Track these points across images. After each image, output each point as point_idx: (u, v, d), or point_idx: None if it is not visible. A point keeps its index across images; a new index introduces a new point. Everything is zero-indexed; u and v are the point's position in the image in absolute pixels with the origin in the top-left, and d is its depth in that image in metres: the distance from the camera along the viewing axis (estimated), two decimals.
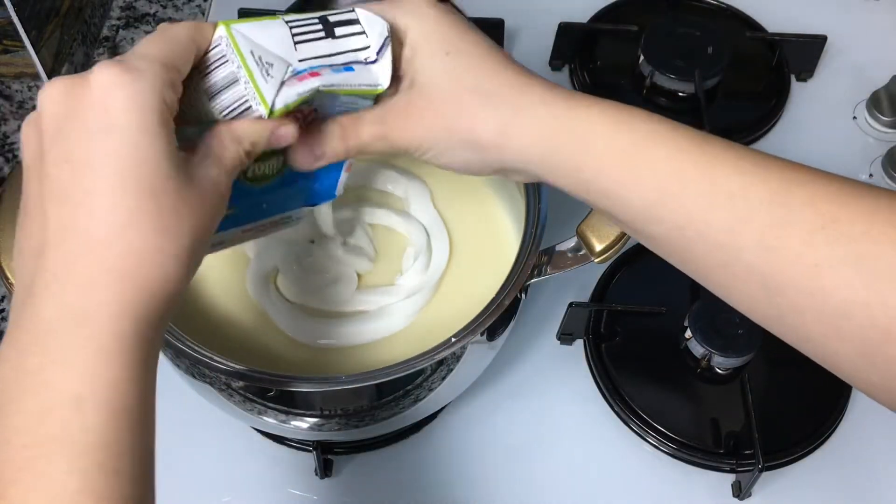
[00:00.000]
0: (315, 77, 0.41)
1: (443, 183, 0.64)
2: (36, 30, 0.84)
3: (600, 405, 0.68)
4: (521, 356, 0.70)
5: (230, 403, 0.55)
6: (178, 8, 1.00)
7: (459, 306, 0.56)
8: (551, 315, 0.71)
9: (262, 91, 0.39)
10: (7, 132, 0.89)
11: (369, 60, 0.43)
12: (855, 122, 0.84)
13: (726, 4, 0.91)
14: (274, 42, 0.41)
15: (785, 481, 0.64)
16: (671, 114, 0.81)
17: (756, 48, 0.88)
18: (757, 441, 0.62)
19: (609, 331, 0.70)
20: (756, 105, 0.85)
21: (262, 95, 0.39)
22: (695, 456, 0.65)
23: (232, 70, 0.40)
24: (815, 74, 0.87)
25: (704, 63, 0.81)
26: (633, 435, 0.66)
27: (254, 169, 0.45)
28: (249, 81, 0.39)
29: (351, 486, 0.64)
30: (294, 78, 0.40)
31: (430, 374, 0.54)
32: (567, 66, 0.88)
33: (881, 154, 0.81)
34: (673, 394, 0.68)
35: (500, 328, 0.57)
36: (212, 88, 0.40)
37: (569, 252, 0.56)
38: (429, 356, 0.51)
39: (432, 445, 0.66)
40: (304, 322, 0.58)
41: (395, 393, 0.54)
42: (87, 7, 0.94)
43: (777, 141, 0.84)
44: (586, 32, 0.88)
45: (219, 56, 0.40)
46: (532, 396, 0.68)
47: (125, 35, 0.97)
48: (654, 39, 0.83)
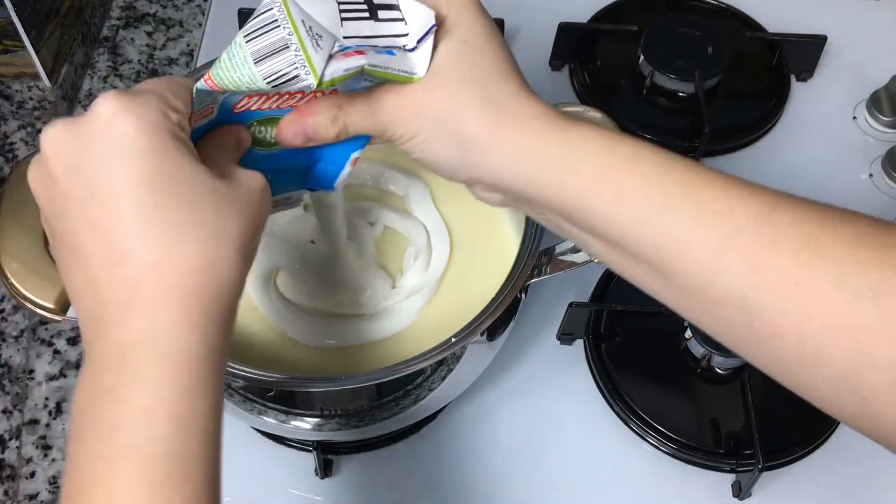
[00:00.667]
0: (360, 56, 0.40)
1: (443, 182, 0.64)
2: (36, 30, 0.84)
3: (600, 405, 0.68)
4: (521, 356, 0.70)
5: (230, 403, 0.55)
6: (179, 8, 0.99)
7: (459, 306, 0.56)
8: (551, 315, 0.71)
9: (313, 61, 0.39)
10: (7, 132, 0.89)
11: (408, 48, 0.42)
12: (855, 122, 0.84)
13: (726, 4, 0.91)
14: (323, 15, 0.40)
15: (785, 481, 0.64)
16: (671, 114, 0.83)
17: (756, 48, 0.88)
18: (757, 441, 0.62)
19: (609, 331, 0.70)
20: (756, 105, 0.85)
21: (312, 65, 0.39)
22: (695, 456, 0.65)
23: (283, 36, 0.39)
24: (815, 74, 0.87)
25: (704, 63, 0.81)
26: (633, 435, 0.66)
27: (255, 130, 0.44)
28: (301, 50, 0.39)
29: (351, 486, 0.64)
30: (340, 53, 0.40)
31: (430, 374, 0.54)
32: (567, 66, 0.88)
33: (881, 154, 0.81)
34: (673, 394, 0.68)
35: (500, 328, 0.57)
36: (258, 52, 0.39)
37: (569, 252, 0.56)
38: (429, 356, 0.51)
39: (432, 445, 0.66)
40: (304, 322, 0.58)
41: (395, 393, 0.54)
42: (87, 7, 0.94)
43: (777, 141, 0.84)
44: (586, 32, 0.88)
45: (269, 21, 0.39)
46: (532, 396, 0.68)
47: (125, 35, 0.97)
48: (654, 39, 0.83)
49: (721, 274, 0.37)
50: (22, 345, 0.76)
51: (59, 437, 0.71)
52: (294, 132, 0.43)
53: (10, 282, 0.51)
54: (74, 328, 0.77)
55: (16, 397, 0.73)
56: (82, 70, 0.93)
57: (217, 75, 0.40)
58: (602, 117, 0.58)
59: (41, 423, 0.72)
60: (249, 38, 0.39)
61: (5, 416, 0.72)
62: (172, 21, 0.99)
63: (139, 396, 0.34)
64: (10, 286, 0.51)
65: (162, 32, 0.97)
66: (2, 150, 0.88)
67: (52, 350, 0.75)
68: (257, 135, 0.45)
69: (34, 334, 0.76)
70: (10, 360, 0.75)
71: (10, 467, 0.70)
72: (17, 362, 0.75)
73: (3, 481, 0.69)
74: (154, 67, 0.94)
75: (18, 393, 0.73)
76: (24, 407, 0.73)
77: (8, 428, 0.72)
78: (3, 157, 0.87)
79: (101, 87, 0.93)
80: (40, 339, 0.76)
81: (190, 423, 0.34)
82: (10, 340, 0.76)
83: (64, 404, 0.73)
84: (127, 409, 0.34)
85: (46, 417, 0.72)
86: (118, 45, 0.96)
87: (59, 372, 0.74)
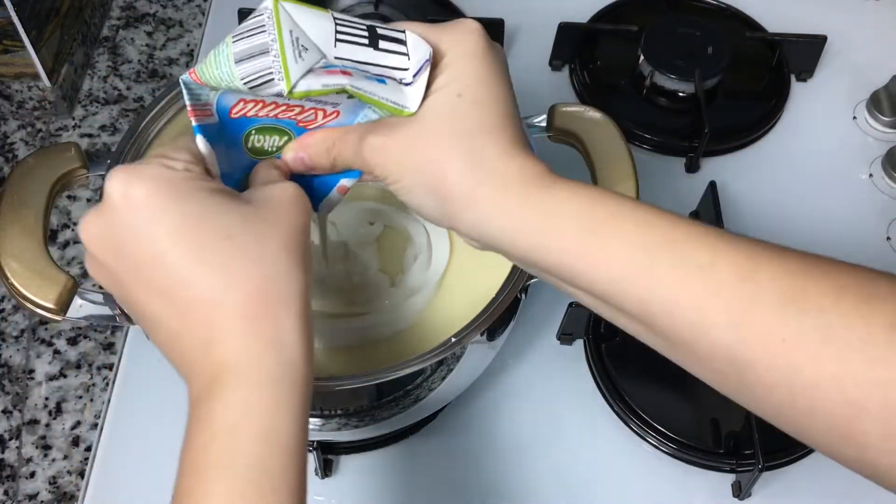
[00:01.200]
0: (345, 76, 0.42)
1: None
2: (36, 30, 0.84)
3: (600, 405, 0.68)
4: (521, 356, 0.70)
5: None
6: (178, 8, 1.00)
7: (459, 306, 0.56)
8: (551, 315, 0.71)
9: (289, 69, 0.40)
10: (7, 132, 0.89)
11: (404, 82, 0.43)
12: (855, 122, 0.84)
13: (726, 4, 0.91)
14: (316, 31, 0.42)
15: (785, 481, 0.64)
16: (671, 114, 0.83)
17: (756, 48, 0.88)
18: (757, 441, 0.62)
19: (609, 331, 0.70)
20: (756, 105, 0.85)
21: (287, 72, 0.40)
22: (695, 456, 0.65)
23: (265, 41, 0.41)
24: (815, 74, 0.87)
25: (704, 63, 0.82)
26: (633, 435, 0.66)
27: (256, 139, 0.46)
28: (279, 56, 0.40)
29: (351, 486, 0.64)
30: (323, 70, 0.41)
31: (430, 374, 0.54)
32: (567, 66, 0.88)
33: (881, 154, 0.81)
34: (673, 394, 0.68)
35: (500, 328, 0.57)
36: (241, 53, 0.41)
37: None
38: (429, 356, 0.51)
39: (432, 445, 0.66)
40: None
41: (395, 393, 0.54)
42: (87, 7, 0.94)
43: (777, 141, 0.84)
44: (586, 32, 0.88)
45: (257, 25, 0.41)
46: (532, 396, 0.68)
47: (125, 35, 0.97)
48: (654, 39, 0.83)
49: (707, 330, 0.37)
50: (22, 345, 0.76)
51: (58, 437, 0.71)
52: (294, 158, 0.46)
53: (10, 282, 0.51)
54: (74, 328, 0.77)
55: (16, 397, 0.73)
56: (82, 70, 0.93)
57: (201, 69, 0.42)
58: (602, 117, 0.58)
59: (41, 423, 0.72)
60: (236, 39, 0.41)
61: (5, 416, 0.72)
62: (172, 21, 0.99)
63: (227, 417, 0.36)
64: (10, 286, 0.51)
65: (162, 32, 0.97)
66: (2, 150, 0.88)
67: (52, 350, 0.75)
68: (256, 144, 0.46)
69: (34, 334, 0.76)
70: (10, 360, 0.75)
71: (9, 467, 0.70)
72: (17, 362, 0.75)
73: (3, 481, 0.69)
74: (154, 67, 0.94)
75: (18, 393, 0.74)
76: (24, 407, 0.73)
77: (8, 428, 0.72)
78: (3, 157, 0.87)
79: (101, 87, 0.93)
80: (40, 339, 0.76)
81: (273, 439, 0.36)
82: (10, 340, 0.76)
83: (64, 404, 0.73)
84: (217, 429, 0.36)
85: (46, 417, 0.72)
86: (118, 45, 0.96)
87: (59, 372, 0.74)
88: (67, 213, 0.84)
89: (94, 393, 0.74)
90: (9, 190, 0.54)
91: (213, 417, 0.37)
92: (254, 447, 0.36)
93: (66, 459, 0.70)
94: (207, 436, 0.37)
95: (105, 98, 0.92)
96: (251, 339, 0.37)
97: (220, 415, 0.37)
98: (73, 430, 0.72)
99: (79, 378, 0.74)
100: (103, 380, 0.74)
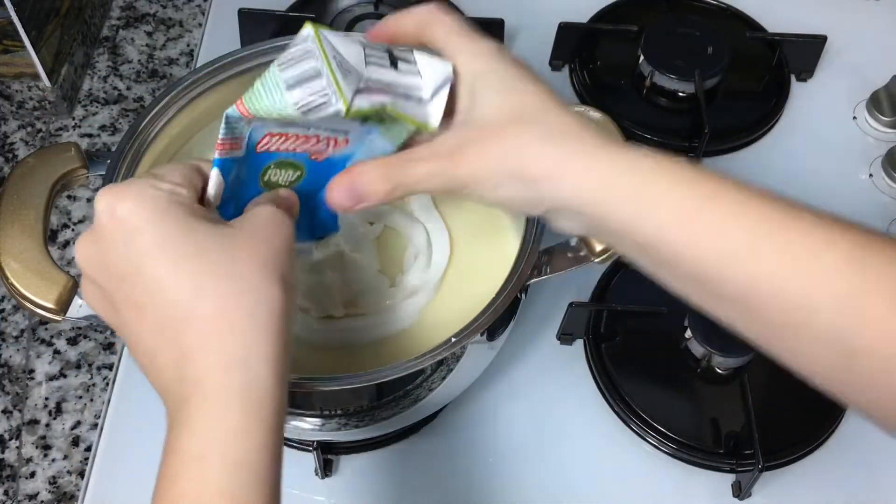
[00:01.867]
0: (384, 94, 0.44)
1: None
2: (36, 30, 0.84)
3: (600, 405, 0.68)
4: (521, 356, 0.70)
5: None
6: (178, 8, 1.00)
7: (459, 306, 0.56)
8: (551, 315, 0.71)
9: (343, 88, 0.42)
10: (7, 132, 0.89)
11: (424, 98, 0.45)
12: (855, 122, 0.84)
13: (726, 4, 0.91)
14: (351, 55, 0.43)
15: (785, 481, 0.64)
16: (671, 114, 0.83)
17: (756, 48, 0.88)
18: (757, 441, 0.62)
19: (609, 331, 0.70)
20: (756, 105, 0.85)
21: (342, 92, 0.42)
22: (695, 456, 0.65)
23: (315, 65, 0.42)
24: (815, 74, 0.87)
25: (704, 63, 0.82)
26: (633, 435, 0.66)
27: (273, 173, 0.46)
28: (331, 78, 0.42)
29: (351, 486, 0.64)
30: (365, 90, 0.43)
31: (430, 374, 0.54)
32: (567, 66, 0.88)
33: (881, 154, 0.81)
34: (673, 394, 0.68)
35: (500, 328, 0.57)
36: (291, 80, 0.42)
37: (569, 252, 0.56)
38: (429, 356, 0.51)
39: (432, 445, 0.66)
40: (304, 322, 0.58)
41: (395, 393, 0.54)
42: (87, 7, 0.94)
43: (777, 141, 0.84)
44: (586, 32, 0.88)
45: (303, 52, 0.42)
46: (532, 396, 0.68)
47: (125, 35, 0.97)
48: (654, 39, 0.83)
49: (814, 314, 0.36)
50: (22, 345, 0.76)
51: (58, 437, 0.71)
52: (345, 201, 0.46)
53: (10, 282, 0.51)
54: (74, 328, 0.77)
55: (16, 397, 0.73)
56: (82, 70, 0.93)
57: (249, 100, 0.42)
58: (602, 117, 0.58)
59: (41, 423, 0.72)
60: (283, 66, 0.42)
61: (5, 416, 0.72)
62: (172, 21, 0.99)
63: (190, 448, 0.36)
64: (10, 286, 0.51)
65: (162, 32, 0.97)
66: (2, 150, 0.88)
67: (52, 350, 0.75)
68: (272, 178, 0.47)
69: (34, 334, 0.76)
70: (10, 360, 0.75)
71: (9, 467, 0.70)
72: (17, 362, 0.75)
73: (3, 481, 0.69)
74: (154, 67, 0.94)
75: (18, 393, 0.74)
76: (24, 407, 0.73)
77: (8, 428, 0.72)
78: (3, 157, 0.87)
79: (101, 87, 0.93)
80: (40, 339, 0.76)
81: (241, 464, 0.36)
82: (10, 340, 0.76)
83: (63, 404, 0.73)
84: (186, 459, 0.37)
85: (46, 417, 0.72)
86: (118, 45, 0.96)
87: (59, 372, 0.74)
88: (67, 213, 0.84)
89: (94, 393, 0.74)
90: (9, 190, 0.54)
91: (181, 446, 0.37)
92: (221, 476, 0.36)
93: (66, 459, 0.70)
94: (177, 465, 0.37)
95: (105, 98, 0.92)
96: (218, 355, 0.37)
97: (187, 443, 0.37)
98: (73, 430, 0.72)
99: (79, 378, 0.74)
100: (103, 380, 0.74)
